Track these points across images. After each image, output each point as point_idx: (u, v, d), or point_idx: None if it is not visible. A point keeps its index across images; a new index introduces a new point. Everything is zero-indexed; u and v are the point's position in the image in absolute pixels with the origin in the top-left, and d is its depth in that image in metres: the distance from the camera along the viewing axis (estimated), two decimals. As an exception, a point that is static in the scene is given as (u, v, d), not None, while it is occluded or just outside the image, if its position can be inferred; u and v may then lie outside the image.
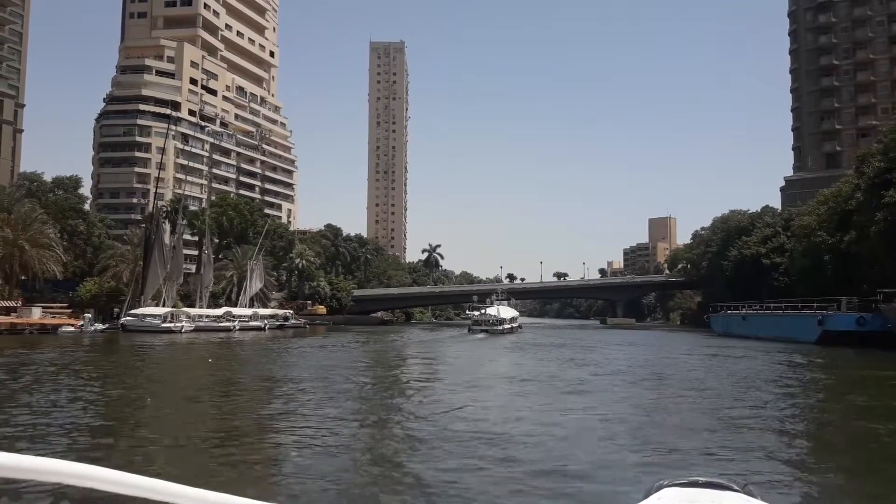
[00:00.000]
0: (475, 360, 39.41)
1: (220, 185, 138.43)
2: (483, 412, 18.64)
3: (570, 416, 18.15)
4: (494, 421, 17.09)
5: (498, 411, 19.21)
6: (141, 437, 14.52)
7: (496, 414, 18.67)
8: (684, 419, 18.27)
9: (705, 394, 23.47)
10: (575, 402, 20.69)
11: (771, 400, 22.61)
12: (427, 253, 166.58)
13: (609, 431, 15.70)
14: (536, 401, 21.31)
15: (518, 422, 17.17)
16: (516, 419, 17.59)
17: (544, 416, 18.04)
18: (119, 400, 21.11)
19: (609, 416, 18.10)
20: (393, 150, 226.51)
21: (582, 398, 21.81)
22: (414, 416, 17.92)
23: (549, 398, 21.85)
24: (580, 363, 35.93)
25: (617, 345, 56.90)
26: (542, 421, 17.27)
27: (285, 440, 14.58)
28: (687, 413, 19.52)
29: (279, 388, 24.61)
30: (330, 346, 49.09)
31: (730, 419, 17.89)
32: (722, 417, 18.13)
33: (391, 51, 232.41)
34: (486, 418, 17.47)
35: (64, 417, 16.55)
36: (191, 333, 60.69)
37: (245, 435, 15.06)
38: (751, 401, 22.01)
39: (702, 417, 18.37)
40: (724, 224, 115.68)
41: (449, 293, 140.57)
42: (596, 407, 19.84)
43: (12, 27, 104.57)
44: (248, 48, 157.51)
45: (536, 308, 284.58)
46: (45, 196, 79.74)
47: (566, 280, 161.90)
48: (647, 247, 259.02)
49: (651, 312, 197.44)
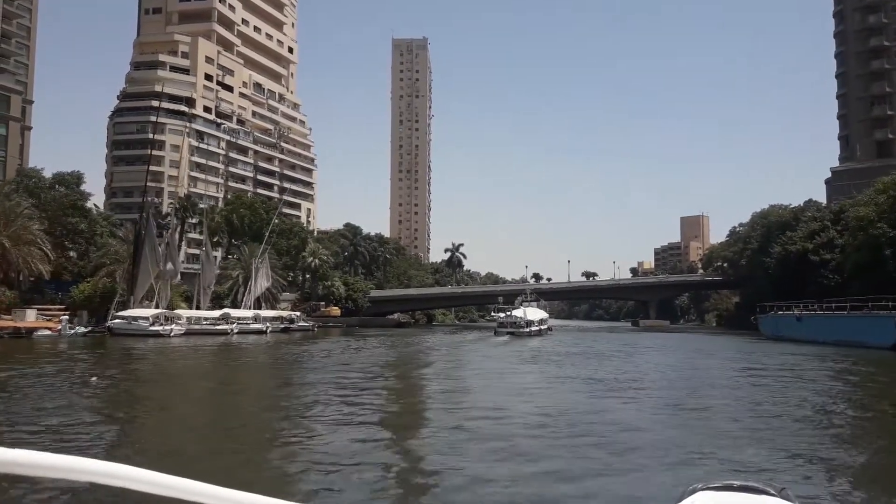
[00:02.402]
0: (484, 380, 31.92)
1: (237, 184, 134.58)
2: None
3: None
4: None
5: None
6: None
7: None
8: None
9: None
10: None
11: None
12: (449, 253, 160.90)
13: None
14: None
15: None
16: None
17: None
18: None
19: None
20: (416, 149, 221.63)
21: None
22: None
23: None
24: (623, 387, 25.34)
25: (656, 350, 50.70)
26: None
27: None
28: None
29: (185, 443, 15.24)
30: (316, 355, 43.69)
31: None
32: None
33: (414, 48, 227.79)
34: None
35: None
36: (181, 337, 55.88)
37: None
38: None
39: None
40: (764, 219, 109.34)
41: (471, 294, 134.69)
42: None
43: (20, 21, 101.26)
44: (266, 44, 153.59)
45: (564, 309, 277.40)
46: (45, 193, 75.87)
47: (595, 280, 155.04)
48: (678, 246, 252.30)
49: (684, 314, 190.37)
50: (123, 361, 33.96)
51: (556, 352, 46.97)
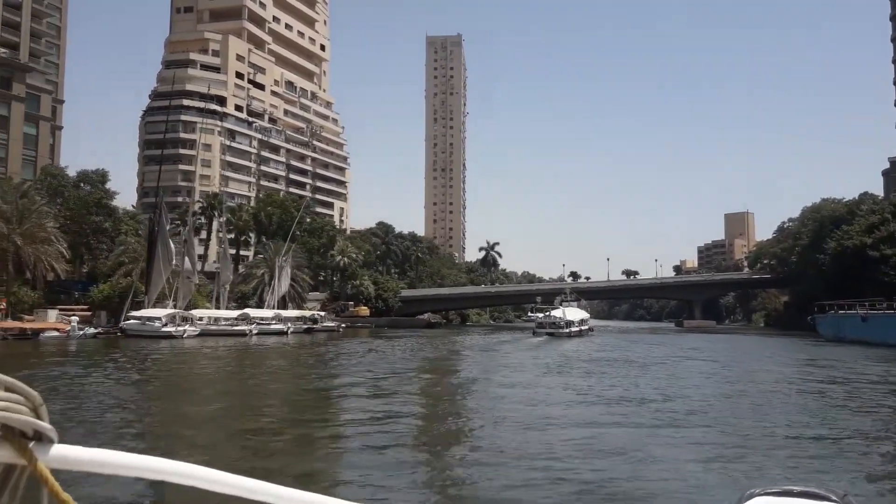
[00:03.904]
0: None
1: (269, 183, 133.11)
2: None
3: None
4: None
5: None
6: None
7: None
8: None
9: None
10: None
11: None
12: (484, 251, 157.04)
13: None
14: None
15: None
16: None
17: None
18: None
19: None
20: (450, 147, 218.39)
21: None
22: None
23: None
24: (672, 419, 18.42)
25: (707, 354, 46.15)
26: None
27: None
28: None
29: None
30: (325, 360, 40.49)
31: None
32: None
33: (448, 45, 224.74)
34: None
35: None
36: (195, 339, 53.39)
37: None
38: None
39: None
40: (815, 214, 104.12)
41: (506, 293, 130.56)
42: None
43: (49, 20, 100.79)
44: (298, 41, 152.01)
45: (604, 309, 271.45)
46: (69, 191, 74.64)
47: (637, 278, 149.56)
48: (723, 244, 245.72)
49: (730, 314, 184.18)
50: (107, 369, 31.03)
51: (592, 357, 42.59)
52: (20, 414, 0.89)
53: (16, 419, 0.89)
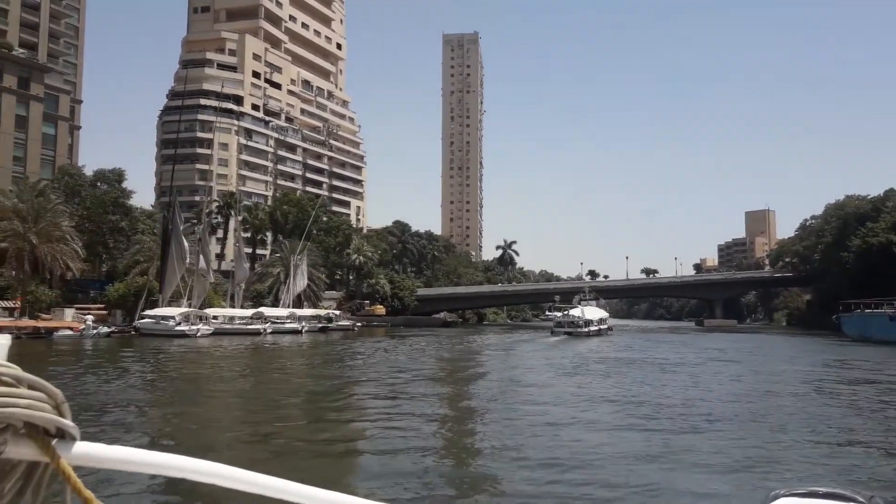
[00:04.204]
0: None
1: (286, 182, 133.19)
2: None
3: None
4: None
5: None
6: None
7: None
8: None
9: None
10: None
11: None
12: (501, 250, 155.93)
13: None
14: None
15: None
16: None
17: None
18: None
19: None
20: (467, 146, 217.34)
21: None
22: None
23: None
24: (692, 427, 16.96)
25: (731, 355, 44.87)
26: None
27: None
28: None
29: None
30: (332, 361, 39.83)
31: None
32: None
33: (465, 42, 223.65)
34: None
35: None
36: (209, 338, 53.07)
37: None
38: None
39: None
40: (839, 211, 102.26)
41: (524, 292, 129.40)
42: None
43: (68, 21, 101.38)
44: (314, 40, 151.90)
45: (623, 308, 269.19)
46: (86, 190, 74.80)
47: (656, 277, 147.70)
48: (743, 242, 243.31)
49: (751, 313, 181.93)
50: (115, 368, 30.56)
51: (611, 358, 41.52)
52: (43, 412, 0.90)
53: (39, 417, 0.90)
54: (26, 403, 0.88)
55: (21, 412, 0.88)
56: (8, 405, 0.86)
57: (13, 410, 0.87)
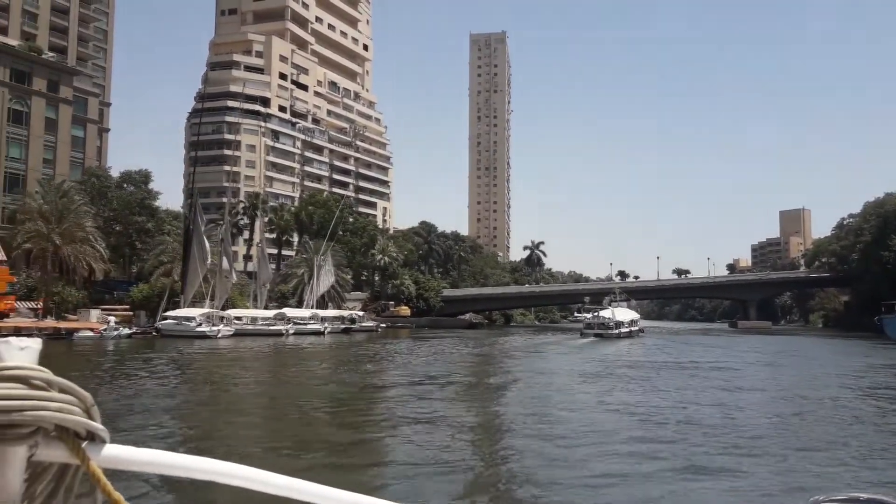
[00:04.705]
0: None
1: (313, 184, 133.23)
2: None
3: None
4: None
5: None
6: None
7: None
8: None
9: None
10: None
11: None
12: (528, 251, 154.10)
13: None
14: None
15: None
16: None
17: None
18: None
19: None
20: (494, 146, 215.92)
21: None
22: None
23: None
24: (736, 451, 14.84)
25: (770, 358, 42.84)
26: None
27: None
28: None
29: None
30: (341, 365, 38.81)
31: None
32: None
33: (492, 42, 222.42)
34: None
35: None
36: (230, 339, 52.58)
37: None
38: None
39: None
40: (879, 209, 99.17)
41: (551, 293, 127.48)
42: None
43: (96, 24, 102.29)
44: (341, 41, 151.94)
45: (654, 310, 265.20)
46: (112, 192, 75.20)
47: (688, 277, 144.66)
48: (777, 242, 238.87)
49: (786, 314, 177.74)
50: (121, 372, 29.91)
51: (639, 362, 39.46)
52: (73, 415, 0.92)
53: (70, 420, 0.92)
54: (57, 407, 0.90)
55: (52, 415, 0.90)
56: (39, 408, 0.89)
57: (44, 413, 0.89)
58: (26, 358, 0.93)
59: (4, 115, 76.10)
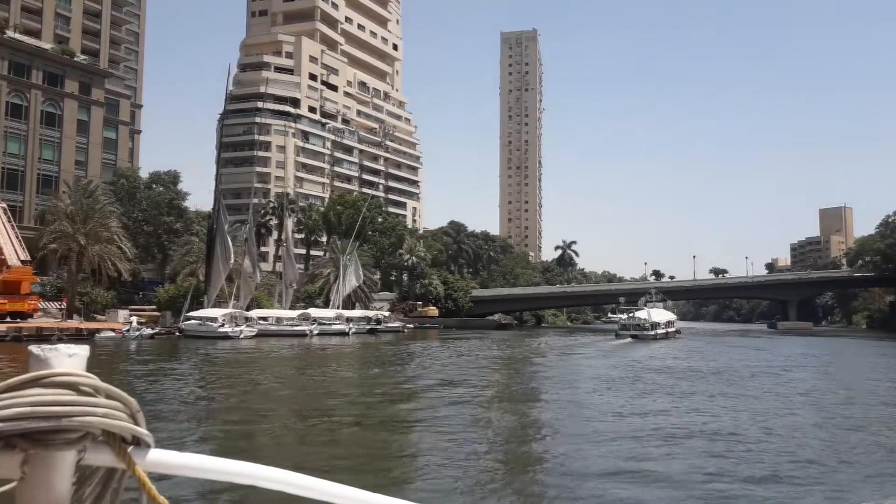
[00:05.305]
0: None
1: (342, 184, 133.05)
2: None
3: None
4: None
5: None
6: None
7: None
8: None
9: None
10: None
11: None
12: (560, 250, 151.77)
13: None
14: None
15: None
16: None
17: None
18: None
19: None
20: (526, 145, 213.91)
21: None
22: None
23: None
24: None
25: (816, 365, 40.21)
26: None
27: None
28: None
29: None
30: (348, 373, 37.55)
31: None
32: None
33: (523, 40, 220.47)
34: None
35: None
36: (252, 339, 51.95)
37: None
38: None
39: None
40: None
41: (583, 293, 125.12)
42: None
43: (128, 27, 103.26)
44: (370, 41, 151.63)
45: (690, 311, 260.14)
46: (141, 192, 75.55)
47: (726, 277, 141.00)
48: (818, 241, 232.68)
49: (827, 315, 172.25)
50: (135, 373, 29.27)
51: (673, 367, 36.71)
52: (120, 420, 0.94)
53: (117, 425, 0.94)
54: (104, 412, 0.92)
55: (99, 420, 0.92)
56: (87, 414, 0.91)
57: (92, 419, 0.91)
58: (75, 364, 0.96)
59: (38, 117, 77.01)
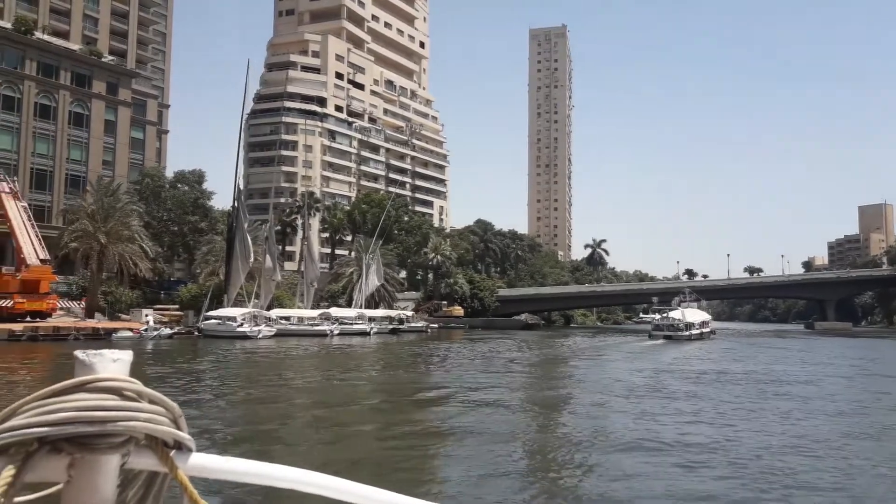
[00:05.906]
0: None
1: (369, 183, 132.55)
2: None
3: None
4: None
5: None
6: None
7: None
8: None
9: None
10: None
11: None
12: (590, 249, 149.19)
13: None
14: None
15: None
16: None
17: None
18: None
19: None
20: (555, 142, 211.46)
21: None
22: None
23: None
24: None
25: (860, 371, 37.14)
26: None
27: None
28: None
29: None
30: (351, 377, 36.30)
31: None
32: None
33: (552, 36, 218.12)
34: None
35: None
36: (271, 339, 51.22)
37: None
38: None
39: None
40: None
41: (614, 293, 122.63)
42: None
43: (155, 28, 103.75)
44: (397, 39, 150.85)
45: (725, 310, 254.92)
46: (166, 192, 75.57)
47: (761, 276, 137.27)
48: (857, 238, 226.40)
49: (866, 315, 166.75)
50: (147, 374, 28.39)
51: (704, 372, 34.29)
52: (162, 425, 0.96)
53: (160, 430, 0.96)
54: (147, 417, 0.94)
55: (142, 425, 0.94)
56: (131, 419, 0.92)
57: (135, 424, 0.93)
58: (119, 370, 0.97)
59: (65, 117, 77.46)
